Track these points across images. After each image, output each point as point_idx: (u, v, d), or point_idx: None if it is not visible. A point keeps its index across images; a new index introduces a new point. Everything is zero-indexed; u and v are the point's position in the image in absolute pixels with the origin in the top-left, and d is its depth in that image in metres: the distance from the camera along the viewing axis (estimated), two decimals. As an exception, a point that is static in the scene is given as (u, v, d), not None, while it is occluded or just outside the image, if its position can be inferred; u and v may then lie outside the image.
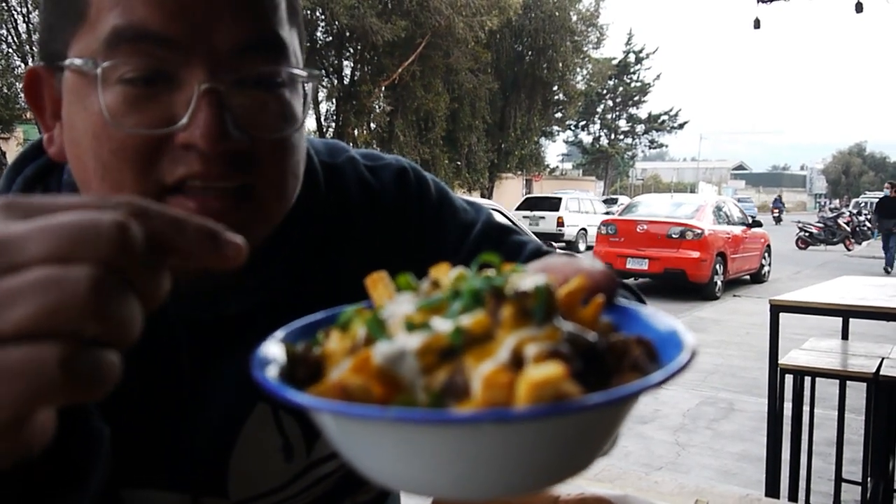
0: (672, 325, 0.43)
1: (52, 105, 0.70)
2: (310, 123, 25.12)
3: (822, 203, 63.53)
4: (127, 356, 0.48)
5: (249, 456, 0.79)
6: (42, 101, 0.70)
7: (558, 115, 34.47)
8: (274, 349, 0.43)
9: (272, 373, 0.40)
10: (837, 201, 62.09)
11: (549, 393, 0.33)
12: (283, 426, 0.80)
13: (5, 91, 14.45)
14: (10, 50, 15.01)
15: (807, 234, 24.73)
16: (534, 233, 7.73)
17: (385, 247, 0.89)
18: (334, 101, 24.21)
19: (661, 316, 0.45)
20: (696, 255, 12.18)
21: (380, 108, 23.89)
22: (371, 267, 0.83)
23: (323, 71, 23.95)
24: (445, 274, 0.46)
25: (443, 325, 0.38)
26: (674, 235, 12.35)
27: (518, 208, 22.69)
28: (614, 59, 46.98)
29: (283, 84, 0.67)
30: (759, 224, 14.74)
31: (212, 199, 0.63)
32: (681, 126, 54.63)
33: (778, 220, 46.30)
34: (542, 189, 44.91)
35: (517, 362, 0.36)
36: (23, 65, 14.96)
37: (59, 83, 0.67)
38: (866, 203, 39.94)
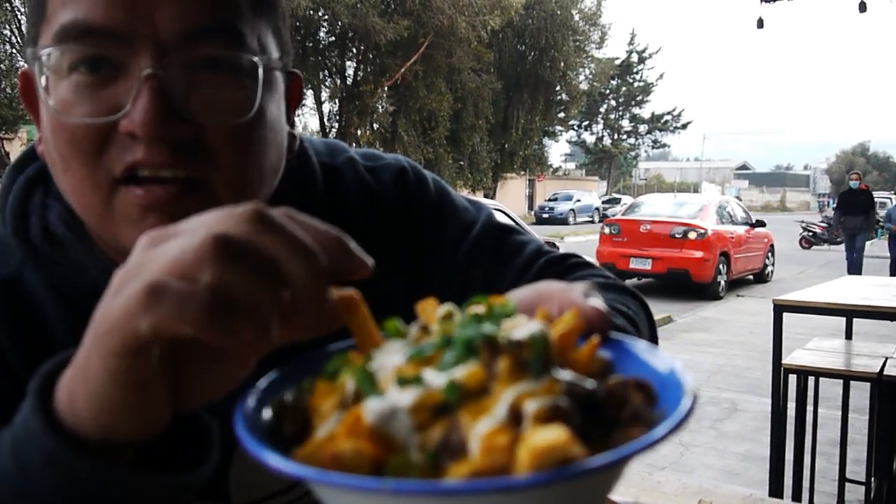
0: (670, 365, 0.42)
1: (38, 105, 0.70)
2: (313, 124, 25.20)
3: (824, 203, 63.14)
4: None
5: (248, 461, 0.78)
6: (35, 103, 0.70)
7: (561, 114, 34.50)
8: (257, 403, 0.42)
9: (256, 429, 0.39)
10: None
11: (552, 459, 0.32)
12: None
13: (9, 91, 14.48)
14: (14, 50, 15.04)
15: (810, 233, 24.69)
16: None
17: (385, 247, 0.87)
18: (337, 101, 24.23)
19: (657, 353, 0.44)
20: (699, 254, 12.17)
21: (383, 108, 23.90)
22: (375, 269, 0.83)
23: (326, 71, 23.98)
24: (433, 310, 0.45)
25: (436, 378, 0.36)
26: (677, 235, 12.34)
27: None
28: (617, 58, 47.00)
29: (235, 70, 0.65)
30: (762, 224, 14.73)
31: (157, 188, 0.62)
32: (684, 126, 54.60)
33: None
34: (545, 189, 44.95)
35: (516, 419, 0.34)
36: (26, 65, 15.04)
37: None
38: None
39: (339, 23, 21.47)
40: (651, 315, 0.89)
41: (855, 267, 14.79)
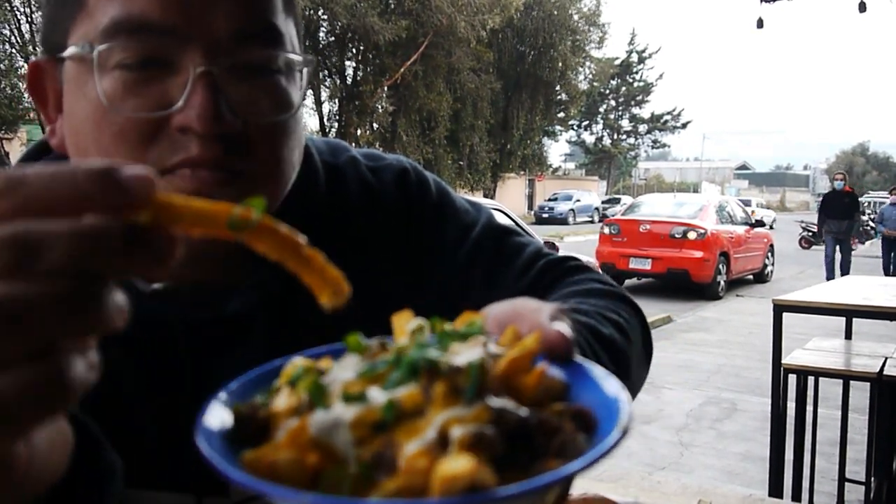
0: (616, 395, 0.42)
1: (54, 97, 0.70)
2: (313, 123, 25.21)
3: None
4: (127, 357, 0.48)
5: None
6: (45, 94, 0.71)
7: (561, 114, 34.52)
8: (218, 410, 0.43)
9: (217, 431, 0.41)
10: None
11: (460, 486, 0.33)
12: None
13: (9, 91, 14.48)
14: (13, 50, 15.04)
15: (810, 233, 24.67)
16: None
17: (386, 247, 0.89)
18: (337, 101, 24.23)
19: (610, 382, 0.44)
20: (699, 254, 12.17)
21: (382, 108, 23.91)
22: (372, 267, 0.84)
23: (326, 71, 23.98)
24: (405, 323, 0.46)
25: (378, 396, 0.38)
26: (677, 235, 12.34)
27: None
28: (617, 58, 47.03)
29: (278, 71, 0.68)
30: (761, 224, 14.75)
31: (205, 172, 0.63)
32: (684, 126, 54.62)
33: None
34: (544, 189, 44.97)
35: (444, 442, 0.36)
36: (26, 65, 15.00)
37: (60, 75, 0.68)
38: (870, 203, 39.87)
39: (339, 23, 21.47)
40: (645, 322, 0.89)
41: (835, 275, 13.02)
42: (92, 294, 0.34)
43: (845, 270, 13.28)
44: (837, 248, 13.66)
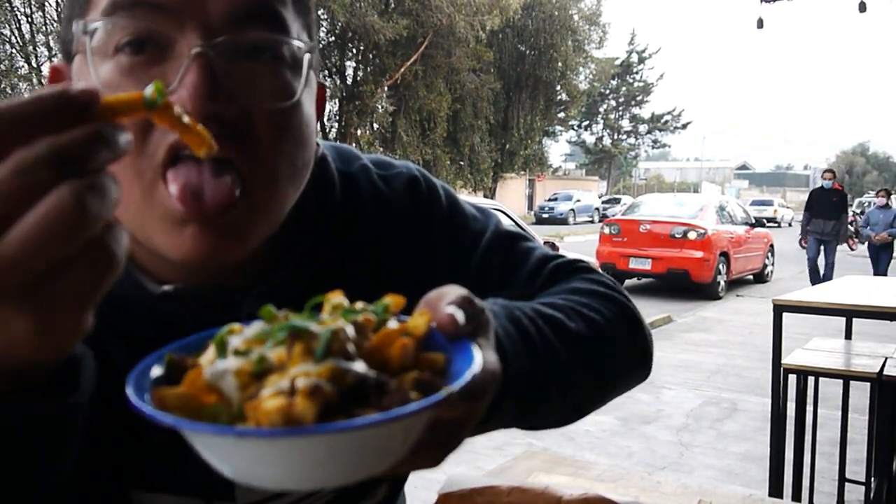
0: (472, 369, 0.49)
1: None
2: (312, 123, 25.17)
3: None
4: (137, 358, 0.51)
5: None
6: None
7: (561, 114, 34.50)
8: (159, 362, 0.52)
9: (148, 376, 0.50)
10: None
11: (278, 419, 0.43)
12: None
13: (9, 91, 14.49)
14: (14, 50, 15.04)
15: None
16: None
17: (398, 255, 0.90)
18: (337, 101, 24.23)
19: (478, 360, 0.51)
20: (699, 254, 12.17)
21: (382, 108, 23.90)
22: (384, 275, 0.85)
23: (326, 71, 23.98)
24: (334, 299, 0.56)
25: (253, 354, 0.48)
26: (677, 235, 12.33)
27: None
28: (617, 58, 47.03)
29: (278, 59, 0.66)
30: (762, 224, 14.75)
31: (192, 167, 0.62)
32: (684, 126, 54.63)
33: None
34: (545, 189, 44.96)
35: (293, 391, 0.44)
36: (26, 65, 14.98)
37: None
38: (870, 203, 39.87)
39: (339, 22, 21.47)
40: (636, 322, 0.89)
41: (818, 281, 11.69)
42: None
43: (829, 275, 11.94)
44: (822, 249, 12.53)
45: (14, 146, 0.40)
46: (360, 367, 0.47)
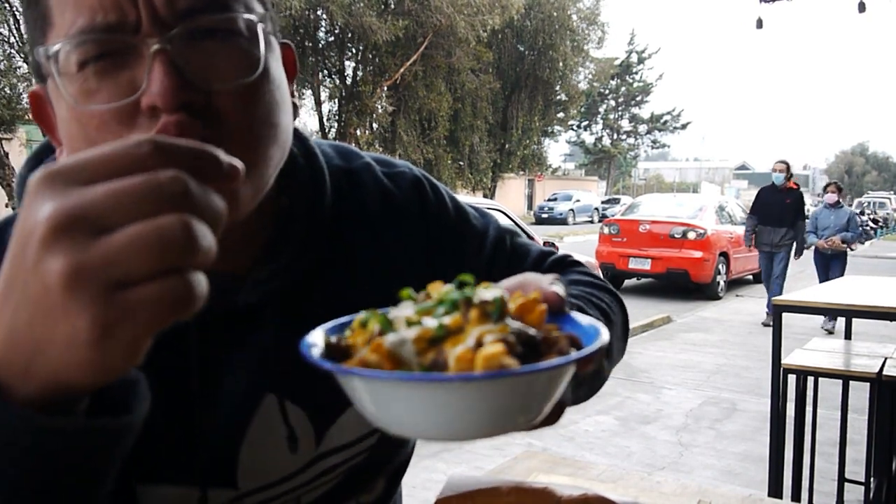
0: (596, 327, 0.58)
1: (56, 120, 0.72)
2: (312, 124, 25.21)
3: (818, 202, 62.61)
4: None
5: (257, 447, 0.81)
6: (49, 120, 0.73)
7: (560, 114, 34.48)
8: (316, 338, 0.58)
9: (315, 353, 0.55)
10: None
11: (494, 364, 0.48)
12: (288, 417, 0.82)
13: (7, 91, 14.47)
14: (13, 50, 15.03)
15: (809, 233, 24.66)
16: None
17: (406, 253, 0.92)
18: (336, 101, 24.22)
19: (592, 322, 0.60)
20: (698, 254, 12.17)
21: (382, 108, 23.89)
22: (391, 271, 0.88)
23: (325, 71, 23.98)
24: (438, 288, 0.60)
25: (431, 322, 0.53)
26: (676, 235, 12.34)
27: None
28: (616, 59, 46.97)
29: (234, 35, 0.68)
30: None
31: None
32: (683, 126, 54.62)
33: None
34: (544, 189, 44.96)
35: (479, 346, 0.50)
36: (25, 64, 14.96)
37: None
38: (869, 203, 39.91)
39: (337, 23, 21.46)
40: (626, 315, 0.98)
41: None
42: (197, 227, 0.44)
43: (776, 289, 9.25)
44: (775, 264, 9.54)
45: (159, 167, 0.44)
46: (524, 326, 0.54)
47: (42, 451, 0.47)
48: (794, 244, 9.44)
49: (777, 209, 9.48)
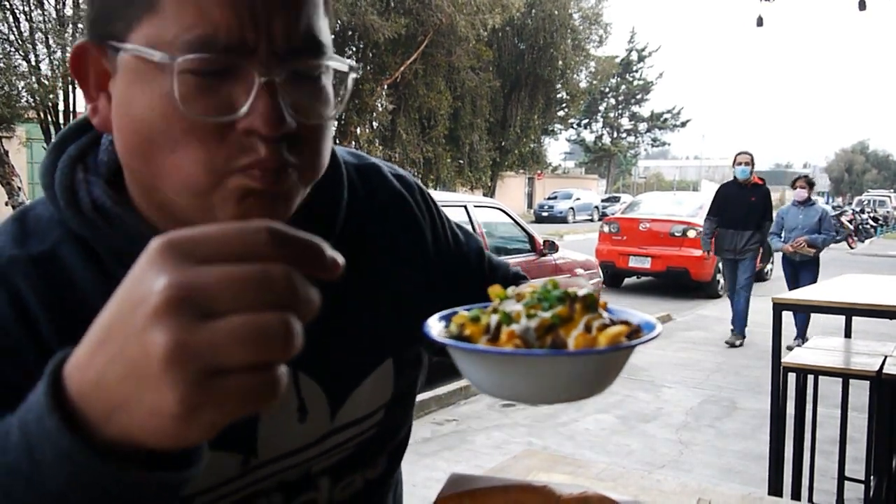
0: (643, 316, 0.74)
1: (96, 78, 0.75)
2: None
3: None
4: None
5: (273, 417, 0.86)
6: (86, 74, 0.75)
7: (561, 113, 34.44)
8: (435, 327, 0.74)
9: (444, 337, 0.70)
10: (840, 199, 61.76)
11: (617, 340, 0.65)
12: (300, 388, 0.87)
13: (6, 89, 14.45)
14: (12, 49, 15.00)
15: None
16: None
17: (412, 248, 1.00)
18: (336, 99, 24.15)
19: (640, 314, 0.75)
20: (698, 253, 12.13)
21: (382, 106, 23.87)
22: (398, 262, 0.97)
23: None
24: (501, 292, 0.76)
25: (545, 314, 0.68)
26: (676, 234, 12.32)
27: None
28: (617, 57, 46.92)
29: (326, 77, 0.76)
30: None
31: (270, 172, 0.71)
32: (683, 124, 54.63)
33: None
34: (544, 187, 44.93)
35: (588, 330, 0.67)
36: (24, 63, 14.94)
37: (109, 60, 0.73)
38: (869, 201, 39.89)
39: (339, 21, 21.42)
40: None
41: (739, 323, 8.58)
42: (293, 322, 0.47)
43: (740, 302, 8.51)
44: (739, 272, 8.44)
45: (268, 258, 0.47)
46: (607, 315, 0.71)
47: (108, 492, 0.51)
48: (759, 250, 8.39)
49: (741, 209, 8.29)
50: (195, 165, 0.70)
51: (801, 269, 8.25)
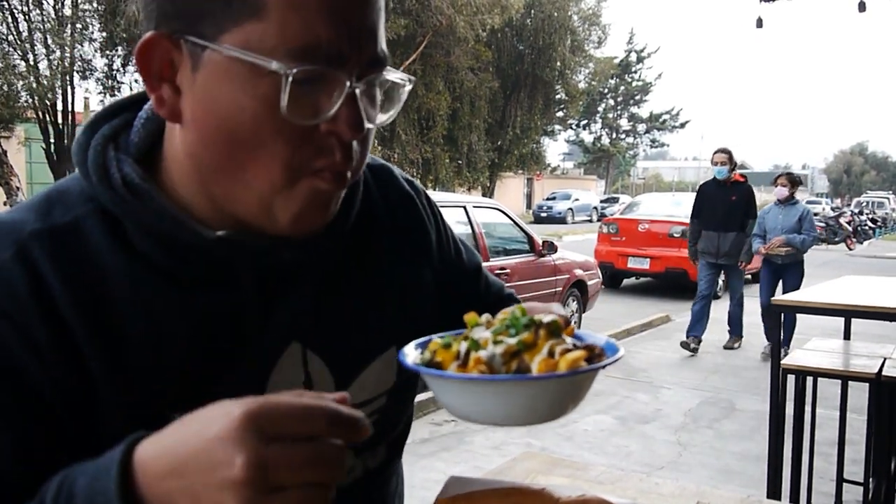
0: (608, 339, 0.78)
1: (161, 69, 0.77)
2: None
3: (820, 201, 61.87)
4: (190, 296, 0.80)
5: (280, 389, 0.87)
6: (151, 65, 0.77)
7: (560, 114, 34.44)
8: (410, 352, 0.79)
9: (413, 363, 0.75)
10: (839, 200, 61.76)
11: (576, 365, 0.69)
12: (307, 363, 0.90)
13: (5, 89, 14.43)
14: (11, 48, 14.99)
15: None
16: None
17: (419, 241, 1.06)
18: (335, 99, 24.16)
19: (607, 338, 0.79)
20: (697, 254, 12.16)
21: (381, 106, 23.87)
22: (409, 256, 1.04)
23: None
24: (475, 318, 0.80)
25: (510, 340, 0.72)
26: (675, 235, 12.31)
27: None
28: (616, 58, 46.92)
29: (383, 87, 0.83)
30: None
31: (340, 175, 0.79)
32: (682, 125, 54.64)
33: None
34: (543, 188, 44.94)
35: (551, 355, 0.70)
36: (23, 63, 14.92)
37: (185, 54, 0.75)
38: (868, 203, 39.91)
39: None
40: None
41: (735, 324, 8.41)
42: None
43: (735, 316, 8.42)
44: (721, 278, 8.13)
45: (324, 434, 0.59)
46: (570, 340, 0.75)
47: None
48: (743, 252, 7.87)
49: (722, 209, 7.79)
50: (277, 164, 0.75)
51: (784, 272, 7.77)
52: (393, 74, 0.82)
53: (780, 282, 7.84)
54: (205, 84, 0.75)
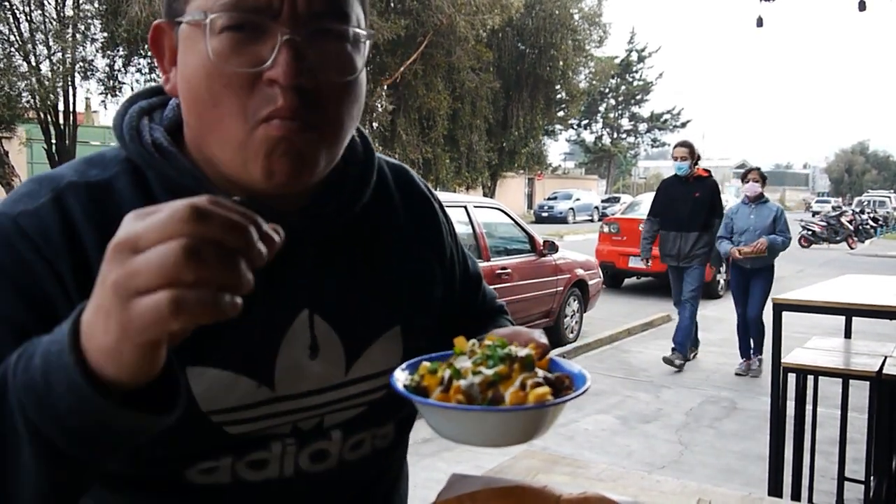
0: (580, 370, 0.88)
1: (169, 53, 0.88)
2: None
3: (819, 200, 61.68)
4: None
5: (290, 353, 0.93)
6: (162, 50, 0.89)
7: (561, 113, 34.41)
8: (399, 376, 0.87)
9: (402, 388, 0.83)
10: (840, 199, 61.67)
11: (542, 399, 0.78)
12: (314, 327, 0.94)
13: (7, 90, 14.44)
14: (12, 49, 15.00)
15: (810, 232, 24.70)
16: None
17: (428, 232, 1.11)
18: (336, 99, 24.12)
19: (579, 368, 0.89)
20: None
21: (382, 106, 23.87)
22: (416, 248, 1.07)
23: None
24: (464, 343, 0.89)
25: (488, 371, 0.81)
26: (676, 234, 12.27)
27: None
28: (617, 57, 46.90)
29: (346, 40, 0.86)
30: None
31: (288, 122, 0.82)
32: (683, 125, 54.58)
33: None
34: (544, 188, 44.92)
35: (523, 387, 0.80)
36: (25, 63, 14.93)
37: (176, 36, 0.86)
38: (869, 202, 39.86)
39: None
40: None
41: (683, 343, 7.32)
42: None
43: (683, 325, 7.40)
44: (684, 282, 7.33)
45: (188, 234, 0.56)
46: (542, 373, 0.84)
47: (100, 422, 0.63)
48: (707, 255, 7.17)
49: (684, 207, 7.01)
50: (231, 118, 0.81)
51: (753, 278, 7.05)
52: (353, 28, 0.86)
53: (749, 288, 7.13)
54: (181, 55, 0.85)
